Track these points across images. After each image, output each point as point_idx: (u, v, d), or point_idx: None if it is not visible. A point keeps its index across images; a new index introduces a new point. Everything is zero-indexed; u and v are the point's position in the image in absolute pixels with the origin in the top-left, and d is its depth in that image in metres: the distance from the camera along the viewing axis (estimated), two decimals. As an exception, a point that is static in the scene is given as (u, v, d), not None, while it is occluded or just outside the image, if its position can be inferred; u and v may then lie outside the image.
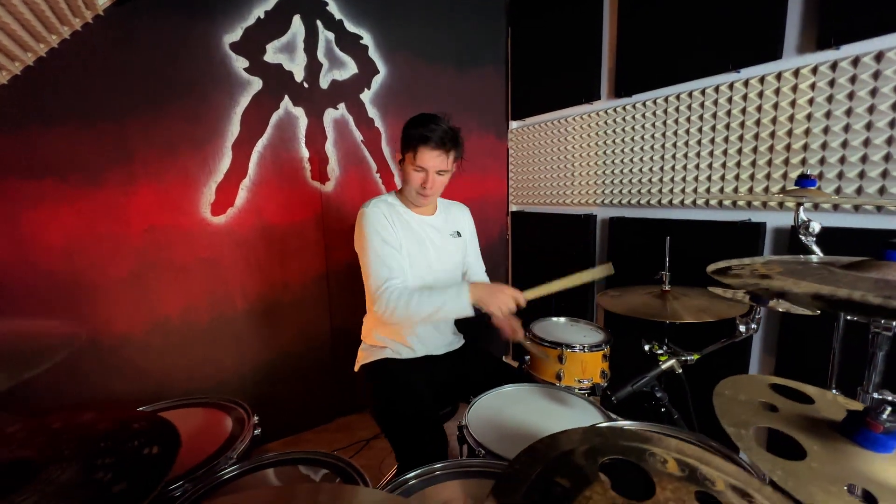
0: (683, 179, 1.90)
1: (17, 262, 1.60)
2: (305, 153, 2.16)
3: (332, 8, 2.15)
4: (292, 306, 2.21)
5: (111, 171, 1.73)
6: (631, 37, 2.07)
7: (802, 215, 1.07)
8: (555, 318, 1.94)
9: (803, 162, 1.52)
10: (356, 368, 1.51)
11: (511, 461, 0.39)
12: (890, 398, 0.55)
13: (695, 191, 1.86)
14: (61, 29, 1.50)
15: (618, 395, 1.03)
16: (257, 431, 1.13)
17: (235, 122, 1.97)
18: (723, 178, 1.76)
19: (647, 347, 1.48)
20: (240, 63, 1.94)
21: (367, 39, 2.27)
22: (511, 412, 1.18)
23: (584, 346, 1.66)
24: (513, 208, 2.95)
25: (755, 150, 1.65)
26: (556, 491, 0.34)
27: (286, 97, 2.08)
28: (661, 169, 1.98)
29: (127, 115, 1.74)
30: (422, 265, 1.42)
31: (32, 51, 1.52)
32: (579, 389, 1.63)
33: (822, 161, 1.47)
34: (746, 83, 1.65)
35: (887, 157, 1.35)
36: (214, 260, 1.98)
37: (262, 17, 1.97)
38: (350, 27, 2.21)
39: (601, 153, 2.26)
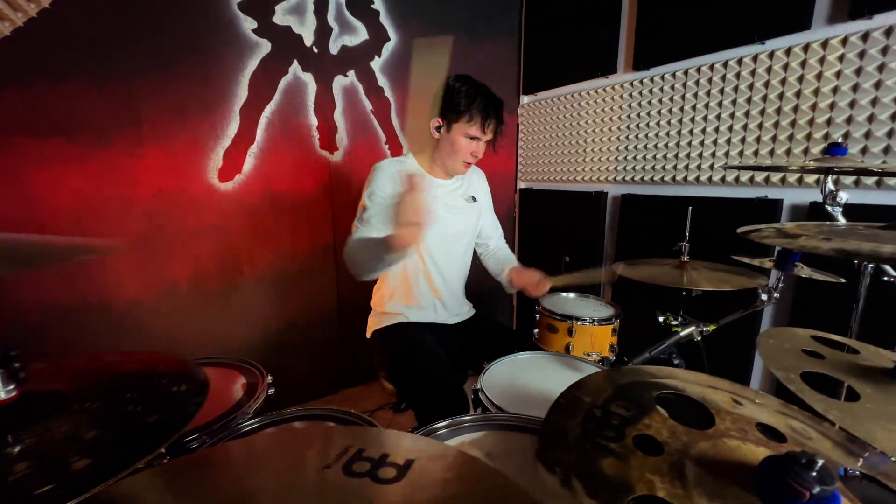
0: (700, 155, 1.87)
1: (24, 221, 1.58)
2: (314, 121, 2.12)
3: (344, -31, 2.07)
4: (300, 276, 2.20)
5: (119, 133, 1.69)
6: (651, 7, 2.00)
7: (830, 185, 1.05)
8: (564, 294, 1.93)
9: (826, 137, 1.49)
10: (368, 335, 1.51)
11: (560, 395, 0.38)
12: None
13: (711, 167, 1.83)
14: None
15: (634, 360, 1.03)
16: (271, 391, 1.13)
17: (244, 86, 1.92)
18: (741, 153, 1.73)
19: (661, 318, 1.47)
20: (248, 24, 1.89)
21: (378, 4, 2.20)
22: (525, 377, 1.18)
23: (593, 320, 1.66)
24: (521, 185, 2.91)
25: (776, 124, 1.62)
26: (614, 419, 0.34)
27: (295, 62, 2.02)
28: (678, 145, 1.94)
29: (135, 74, 1.69)
30: (440, 226, 1.40)
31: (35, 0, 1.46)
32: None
33: (847, 136, 1.44)
34: (771, 55, 1.60)
35: (915, 132, 1.32)
36: (222, 227, 1.96)
37: (271, -24, 1.90)
38: (362, -10, 2.14)
39: (615, 129, 2.22)
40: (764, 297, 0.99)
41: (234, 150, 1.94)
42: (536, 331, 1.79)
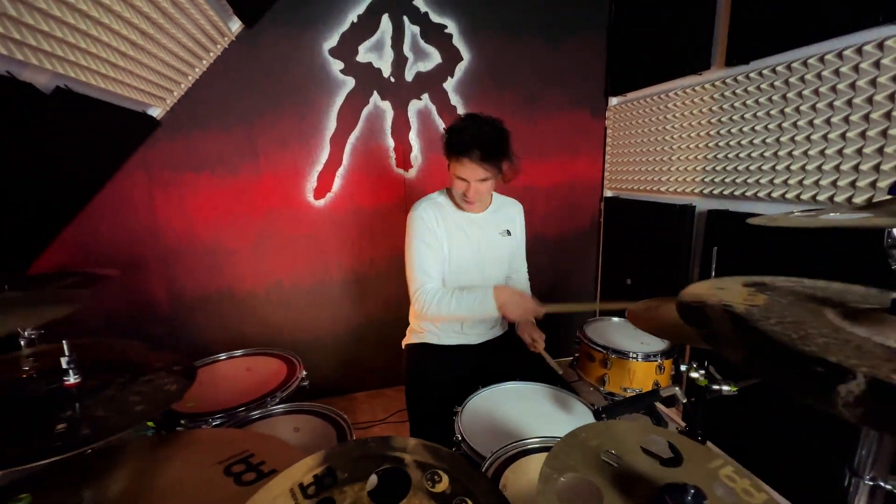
0: (803, 169, 1.52)
1: (186, 232, 2.20)
2: (391, 143, 2.37)
3: (418, 1, 2.25)
4: (377, 279, 2.51)
5: (243, 165, 2.21)
6: (752, -12, 1.67)
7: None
8: (617, 319, 1.80)
9: (982, 149, 1.08)
10: (403, 346, 1.69)
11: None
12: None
13: (816, 183, 1.48)
14: (206, 57, 1.96)
15: (607, 412, 0.98)
16: (305, 383, 1.40)
17: (333, 118, 2.28)
18: (857, 168, 1.36)
19: (682, 368, 1.31)
20: (336, 66, 2.22)
21: (451, 28, 2.33)
22: (505, 409, 1.20)
23: (636, 354, 1.54)
24: (607, 194, 2.71)
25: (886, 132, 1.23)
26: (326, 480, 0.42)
27: (375, 93, 2.30)
28: (776, 154, 1.61)
29: (254, 117, 2.18)
30: (466, 263, 1.48)
31: (191, 74, 2.01)
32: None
33: None
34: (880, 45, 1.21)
35: None
36: (315, 236, 2.38)
37: (355, 21, 2.20)
38: (435, 18, 2.29)
39: (705, 134, 1.92)
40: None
41: (325, 172, 2.33)
42: (577, 355, 1.73)
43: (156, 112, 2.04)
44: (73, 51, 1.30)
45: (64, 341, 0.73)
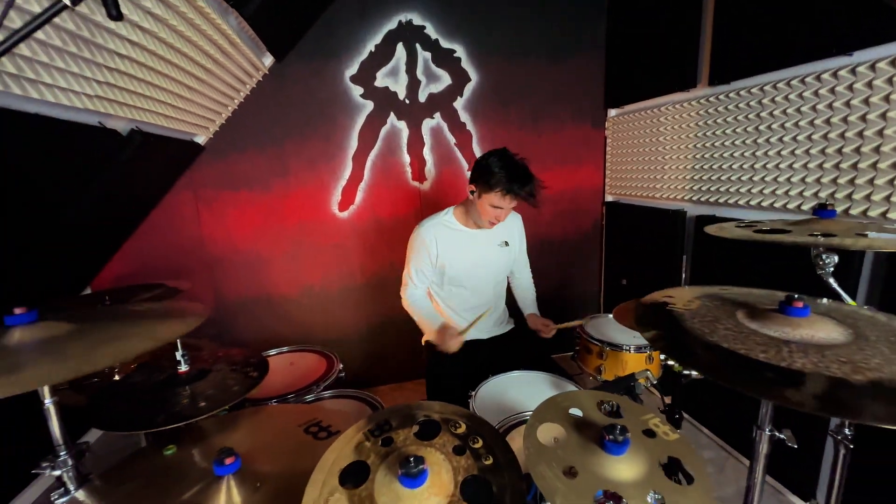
0: (776, 180, 1.70)
1: (226, 243, 2.48)
2: (407, 158, 2.61)
3: (430, 30, 2.47)
4: (397, 282, 2.73)
5: (276, 182, 2.47)
6: (730, 15, 1.85)
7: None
8: (611, 316, 2.01)
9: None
10: (423, 342, 1.93)
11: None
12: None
13: (786, 193, 1.66)
14: (243, 89, 2.22)
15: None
16: (342, 374, 1.65)
17: (354, 138, 2.52)
18: (819, 181, 1.54)
19: (662, 357, 1.53)
20: (357, 91, 2.46)
21: (459, 52, 2.55)
22: (511, 393, 1.44)
23: (629, 347, 1.75)
24: (608, 199, 2.91)
25: (858, 149, 1.41)
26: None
27: (391, 113, 2.53)
28: (753, 167, 1.79)
29: (285, 139, 2.44)
30: (462, 274, 1.71)
31: (231, 105, 2.28)
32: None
33: (939, 168, 1.21)
34: (854, 71, 1.40)
35: None
36: (341, 244, 2.63)
37: (373, 49, 2.43)
38: (444, 44, 2.51)
39: (693, 146, 2.11)
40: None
41: (349, 187, 2.58)
42: (578, 349, 1.95)
43: (201, 139, 2.31)
44: (146, 100, 1.56)
45: (178, 339, 0.98)
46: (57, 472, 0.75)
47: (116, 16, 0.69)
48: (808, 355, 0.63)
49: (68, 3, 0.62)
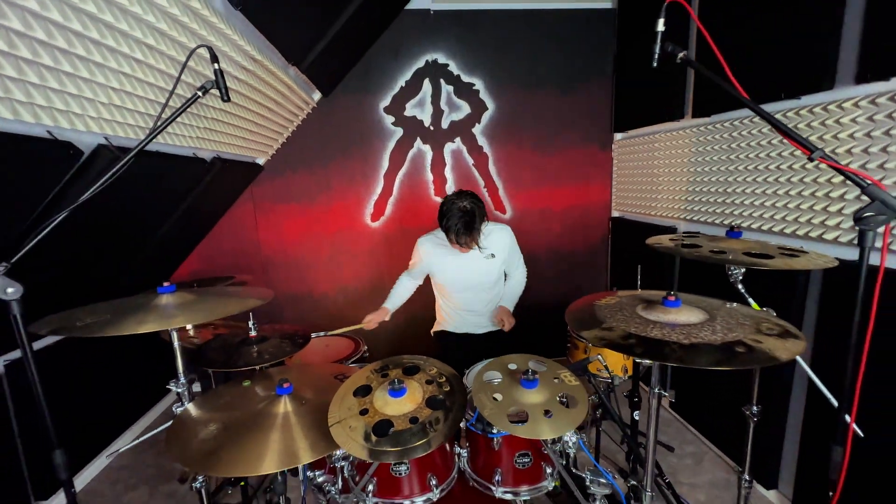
0: (742, 203, 1.94)
1: (279, 247, 2.97)
2: (430, 177, 3.00)
3: (452, 67, 2.87)
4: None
5: (319, 196, 2.94)
6: (708, 54, 2.11)
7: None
8: (601, 319, 2.28)
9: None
10: (431, 333, 2.29)
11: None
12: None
13: (761, 216, 1.89)
14: (296, 120, 2.71)
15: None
16: (366, 353, 2.04)
17: (385, 160, 2.95)
18: (774, 205, 1.78)
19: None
20: (389, 119, 2.89)
21: (478, 85, 2.92)
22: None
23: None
24: (614, 214, 3.16)
25: (802, 180, 1.65)
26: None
27: (418, 139, 2.94)
28: (726, 191, 2.03)
29: (328, 161, 2.90)
30: (459, 281, 2.03)
31: (285, 133, 2.76)
32: (601, 379, 2.00)
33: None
34: (798, 113, 1.64)
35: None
36: (372, 251, 3.05)
37: (403, 85, 2.86)
38: (465, 78, 2.89)
39: (682, 170, 2.36)
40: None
41: (380, 201, 3.00)
42: (568, 345, 2.24)
43: (261, 160, 2.81)
44: (225, 136, 2.05)
45: (250, 312, 1.40)
46: (179, 390, 1.17)
47: (227, 99, 1.12)
48: (662, 329, 0.94)
49: (200, 94, 1.05)
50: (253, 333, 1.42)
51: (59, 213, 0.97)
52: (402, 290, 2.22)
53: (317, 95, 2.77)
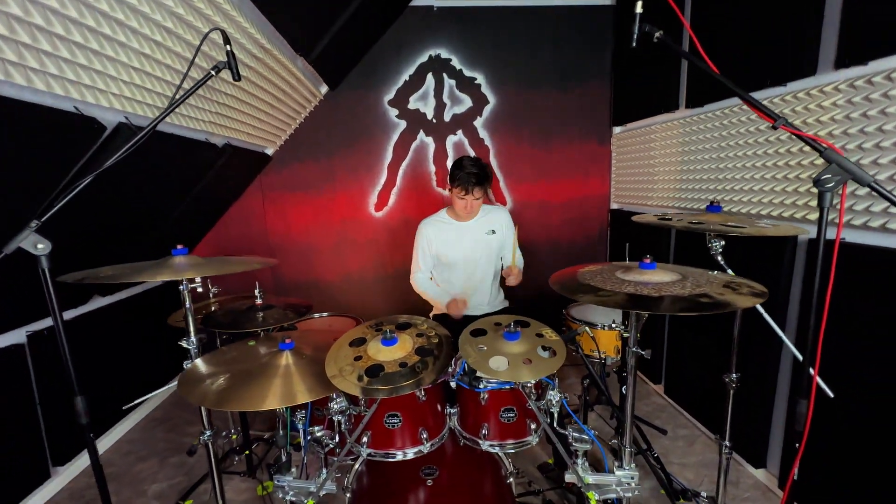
0: (733, 189, 1.99)
1: (286, 234, 3.07)
2: (432, 168, 3.09)
3: (455, 62, 2.96)
4: (421, 274, 3.22)
5: (324, 187, 3.04)
6: (702, 43, 2.17)
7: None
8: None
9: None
10: (430, 316, 2.36)
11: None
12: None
13: (741, 200, 1.95)
14: (304, 112, 2.82)
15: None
16: (366, 334, 2.12)
17: (389, 151, 3.04)
18: (762, 189, 1.83)
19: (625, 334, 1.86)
20: (393, 112, 2.99)
21: (480, 79, 3.01)
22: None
23: (604, 325, 2.08)
24: (613, 206, 3.22)
25: (788, 163, 1.70)
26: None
27: (421, 131, 3.03)
28: (718, 178, 2.09)
29: (333, 152, 3.01)
30: (459, 258, 2.11)
31: (293, 124, 2.87)
32: (594, 360, 2.05)
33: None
34: (784, 99, 1.70)
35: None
36: (376, 240, 3.15)
37: (407, 79, 2.96)
38: (467, 73, 2.98)
39: (676, 159, 2.42)
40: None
41: (384, 191, 3.10)
42: (564, 329, 2.30)
43: (270, 151, 2.92)
44: (236, 122, 2.15)
45: (257, 282, 1.50)
46: (189, 347, 1.26)
47: (237, 78, 1.21)
48: (636, 286, 1.01)
49: (213, 73, 1.15)
50: (259, 301, 1.52)
51: (85, 178, 1.07)
52: (429, 284, 2.25)
53: (324, 88, 2.88)
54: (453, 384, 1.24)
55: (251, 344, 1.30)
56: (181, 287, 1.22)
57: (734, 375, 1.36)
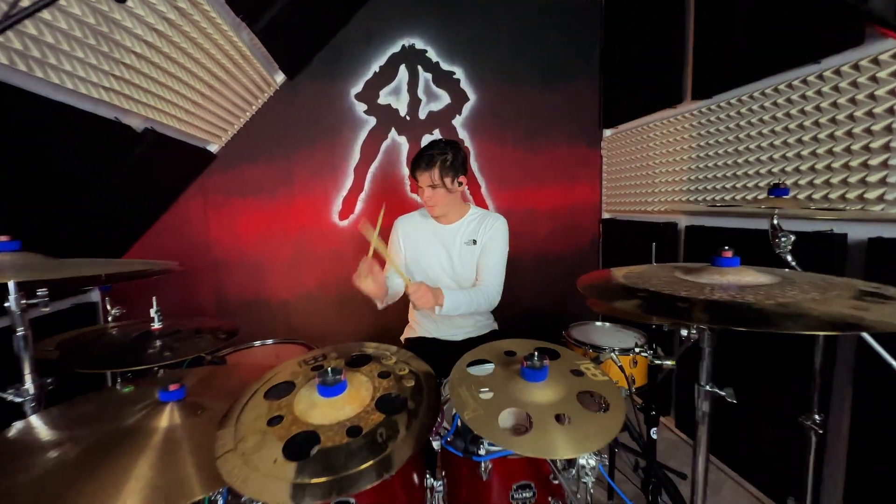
0: (756, 186, 1.72)
1: (233, 247, 2.59)
2: (406, 172, 2.72)
3: (431, 53, 2.65)
4: (393, 292, 2.79)
5: (281, 190, 2.60)
6: (708, 33, 1.94)
7: (775, 221, 1.02)
8: (598, 323, 1.99)
9: (886, 164, 1.28)
10: (402, 339, 1.94)
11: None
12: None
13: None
14: (255, 103, 2.39)
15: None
16: (322, 365, 1.68)
17: (356, 151, 2.66)
18: (797, 183, 1.56)
19: (636, 350, 1.52)
20: (360, 107, 2.63)
21: (459, 74, 2.70)
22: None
23: (612, 350, 1.72)
24: (605, 216, 2.93)
25: (831, 151, 1.43)
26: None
27: (393, 129, 2.67)
28: (735, 174, 1.82)
29: (291, 152, 2.59)
30: (435, 264, 1.75)
31: (242, 117, 2.44)
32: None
33: (907, 162, 1.22)
34: (822, 76, 1.44)
35: None
36: (340, 251, 2.71)
37: (377, 70, 2.61)
38: (445, 66, 2.67)
39: (682, 158, 2.16)
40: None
41: (349, 197, 2.69)
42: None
43: (213, 147, 2.48)
44: (160, 101, 1.72)
45: (154, 297, 1.05)
46: (20, 399, 0.80)
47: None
48: (727, 291, 0.65)
49: None
50: (157, 325, 1.06)
51: None
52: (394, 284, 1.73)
53: (280, 77, 2.49)
54: (437, 445, 0.83)
55: (128, 390, 0.85)
56: (7, 302, 0.77)
57: (816, 417, 1.01)
